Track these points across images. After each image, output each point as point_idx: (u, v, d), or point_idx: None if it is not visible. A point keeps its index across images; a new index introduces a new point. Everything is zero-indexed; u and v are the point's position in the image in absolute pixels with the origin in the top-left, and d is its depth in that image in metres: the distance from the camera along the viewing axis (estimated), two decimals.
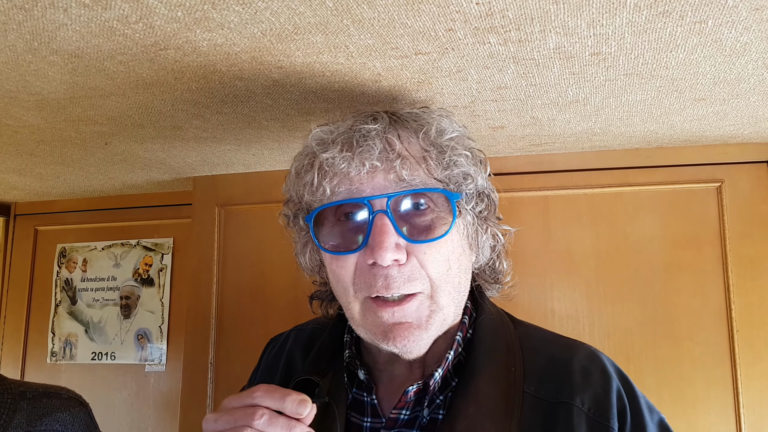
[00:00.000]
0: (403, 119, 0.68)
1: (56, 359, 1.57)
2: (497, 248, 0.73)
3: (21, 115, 0.94)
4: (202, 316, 1.33)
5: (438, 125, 0.66)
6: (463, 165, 0.65)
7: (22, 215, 1.67)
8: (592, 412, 0.61)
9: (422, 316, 0.63)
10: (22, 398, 0.89)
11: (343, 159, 0.62)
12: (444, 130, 0.66)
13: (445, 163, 0.65)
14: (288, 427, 0.56)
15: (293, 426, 0.56)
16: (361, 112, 0.69)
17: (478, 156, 0.70)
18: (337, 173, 0.62)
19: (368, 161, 0.61)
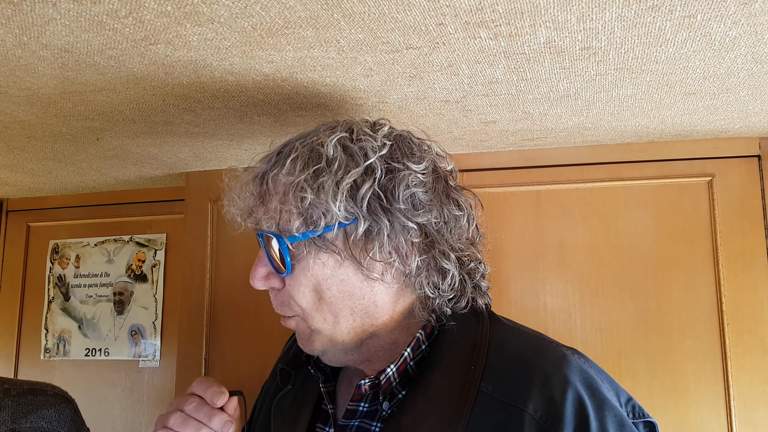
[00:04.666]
0: (285, 155, 0.67)
1: (50, 355, 1.56)
2: (450, 279, 0.68)
3: (11, 110, 0.94)
4: (195, 311, 1.33)
5: (299, 160, 0.65)
6: (305, 204, 0.63)
7: (14, 211, 1.66)
8: (544, 420, 0.57)
9: (304, 334, 0.69)
10: (7, 395, 0.88)
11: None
12: (297, 168, 0.64)
13: (291, 201, 0.64)
14: (209, 415, 0.70)
15: (214, 414, 0.70)
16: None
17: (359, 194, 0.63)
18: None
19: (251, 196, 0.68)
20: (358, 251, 0.64)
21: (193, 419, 0.70)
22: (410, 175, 0.65)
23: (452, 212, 0.68)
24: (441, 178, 0.70)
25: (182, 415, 0.70)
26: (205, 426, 0.70)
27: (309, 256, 0.64)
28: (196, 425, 0.70)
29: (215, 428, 0.70)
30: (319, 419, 0.74)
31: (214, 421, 0.70)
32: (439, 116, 0.97)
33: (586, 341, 1.14)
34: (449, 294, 0.68)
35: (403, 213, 0.64)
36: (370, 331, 0.67)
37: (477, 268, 0.72)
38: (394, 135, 0.69)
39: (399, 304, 0.68)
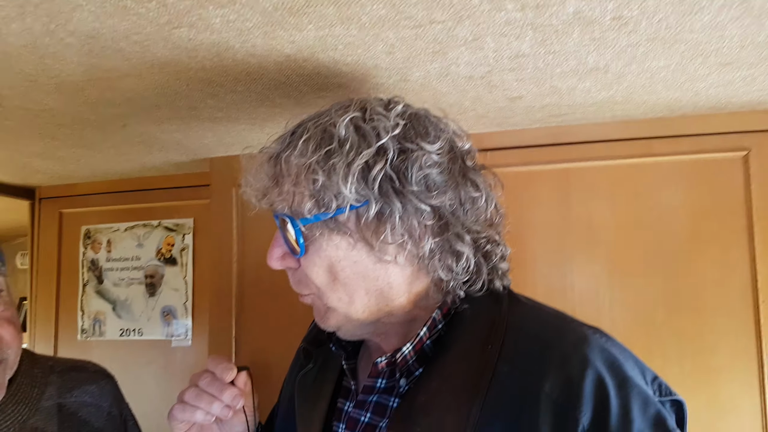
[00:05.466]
0: (298, 136, 0.67)
1: (86, 336, 1.62)
2: (464, 261, 0.67)
3: (41, 98, 0.96)
4: (224, 293, 1.36)
5: (311, 141, 0.64)
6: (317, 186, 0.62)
7: (47, 199, 1.71)
8: (561, 400, 0.56)
9: (320, 311, 0.70)
10: (52, 372, 0.92)
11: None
12: (309, 149, 0.64)
13: (303, 183, 0.64)
14: (221, 389, 0.73)
15: (225, 388, 0.73)
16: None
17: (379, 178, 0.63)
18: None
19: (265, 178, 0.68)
20: (369, 234, 0.63)
21: (206, 393, 0.73)
22: (424, 156, 0.63)
23: (469, 193, 0.67)
24: (458, 157, 0.68)
25: (197, 389, 0.74)
26: (216, 399, 0.73)
27: (322, 238, 0.64)
28: (209, 399, 0.73)
29: (226, 401, 0.73)
30: (341, 395, 0.75)
31: (225, 394, 0.73)
32: (462, 93, 0.95)
33: (615, 321, 1.13)
34: (463, 277, 0.67)
35: (416, 195, 0.62)
36: (386, 310, 0.67)
37: (494, 250, 0.70)
38: (409, 113, 0.67)
39: (414, 285, 0.67)
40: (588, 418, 0.55)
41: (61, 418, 0.88)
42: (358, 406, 0.70)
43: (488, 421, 0.58)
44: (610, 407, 0.55)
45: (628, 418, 0.55)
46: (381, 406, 0.68)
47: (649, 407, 0.57)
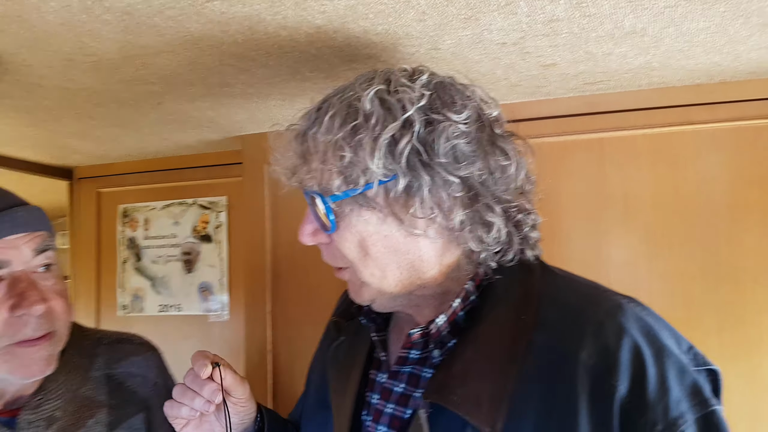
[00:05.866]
0: (324, 112, 0.66)
1: (127, 312, 1.68)
2: (495, 232, 0.66)
3: (78, 77, 0.98)
4: (258, 268, 1.38)
5: (337, 117, 0.64)
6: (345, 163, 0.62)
7: (84, 178, 1.76)
8: (597, 368, 0.57)
9: (354, 285, 0.71)
10: (100, 344, 0.96)
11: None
12: (335, 125, 0.63)
13: (330, 160, 0.64)
14: (201, 385, 0.75)
15: (204, 384, 0.75)
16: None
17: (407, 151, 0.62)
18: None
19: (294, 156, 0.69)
20: (399, 208, 0.63)
21: (189, 389, 0.76)
22: (451, 126, 0.62)
23: (498, 162, 0.65)
24: (486, 126, 0.66)
25: (182, 386, 0.77)
26: (198, 395, 0.75)
27: (352, 214, 0.64)
28: (191, 395, 0.75)
29: (206, 396, 0.75)
30: (372, 366, 0.76)
31: (204, 390, 0.75)
32: (495, 61, 0.93)
33: (652, 293, 1.11)
34: (495, 247, 0.66)
35: (444, 167, 0.62)
36: (418, 283, 0.68)
37: (525, 220, 0.69)
38: (434, 83, 0.66)
39: (446, 257, 0.67)
40: (626, 386, 0.56)
41: (110, 388, 0.91)
42: (392, 377, 0.72)
43: (524, 389, 0.59)
44: (647, 376, 0.56)
45: (665, 386, 0.56)
46: (414, 377, 0.70)
47: (685, 376, 0.57)
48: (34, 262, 0.79)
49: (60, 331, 0.82)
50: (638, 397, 0.55)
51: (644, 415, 0.55)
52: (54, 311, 0.80)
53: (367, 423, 0.72)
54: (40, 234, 0.81)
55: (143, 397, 0.94)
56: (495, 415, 0.58)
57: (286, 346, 1.36)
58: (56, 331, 0.81)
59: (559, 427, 0.57)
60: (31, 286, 0.77)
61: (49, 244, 0.82)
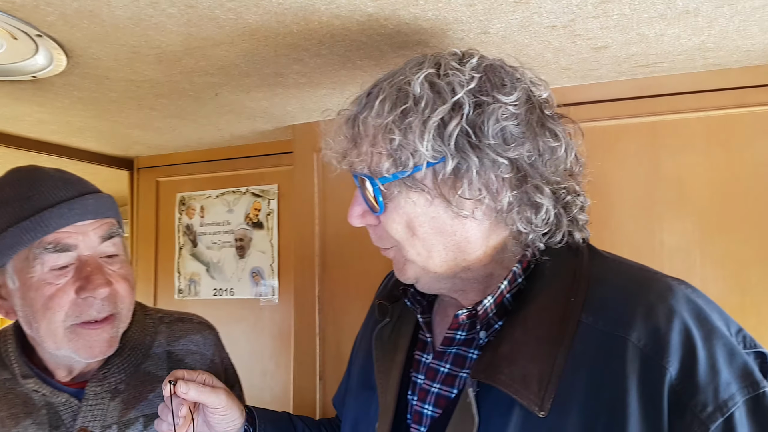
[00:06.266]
0: (374, 96, 0.68)
1: (183, 296, 1.76)
2: (544, 213, 0.67)
3: (142, 69, 1.04)
4: (307, 254, 1.42)
5: (387, 101, 0.65)
6: (394, 146, 0.64)
7: (144, 168, 1.85)
8: (648, 349, 0.57)
9: (399, 263, 0.73)
10: (161, 322, 1.01)
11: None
12: (385, 109, 0.65)
13: (380, 143, 0.65)
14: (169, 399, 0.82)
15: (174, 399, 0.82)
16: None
17: (455, 133, 0.63)
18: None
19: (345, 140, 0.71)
20: (447, 189, 0.64)
21: (166, 407, 0.83)
22: (500, 108, 0.63)
23: (548, 143, 0.66)
24: (535, 107, 0.67)
25: (162, 404, 0.85)
26: (169, 410, 0.83)
27: (400, 196, 0.66)
28: (167, 411, 0.83)
29: (174, 410, 0.82)
30: (417, 347, 0.78)
31: (174, 404, 0.83)
32: (545, 44, 0.93)
33: (706, 279, 1.09)
34: (543, 228, 0.67)
35: (493, 148, 0.63)
36: (463, 265, 0.69)
37: (574, 201, 0.69)
38: (484, 66, 0.66)
39: (492, 239, 0.68)
40: (675, 368, 0.56)
41: (170, 364, 0.97)
42: (437, 357, 0.73)
43: (573, 370, 0.60)
44: (698, 358, 0.56)
45: (715, 369, 0.56)
46: (460, 358, 0.71)
47: (735, 358, 0.57)
48: (101, 247, 0.84)
49: (123, 313, 0.87)
50: (688, 379, 0.56)
51: (694, 397, 0.55)
52: (118, 294, 0.85)
53: (413, 402, 0.74)
54: (108, 221, 0.86)
55: None
56: (543, 394, 0.59)
57: (334, 328, 1.39)
58: (119, 313, 0.86)
59: (609, 408, 0.57)
60: (96, 270, 0.82)
61: (116, 231, 0.87)
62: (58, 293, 0.80)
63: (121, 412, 0.88)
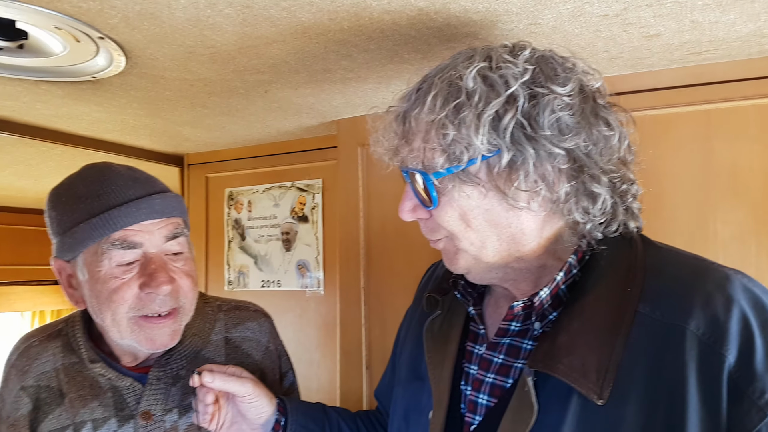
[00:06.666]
0: (424, 92, 0.68)
1: (232, 287, 1.82)
2: (601, 203, 0.67)
3: (197, 69, 1.08)
4: (352, 247, 1.45)
5: (439, 96, 0.65)
6: (448, 141, 0.64)
7: (194, 164, 1.91)
8: (706, 337, 0.58)
9: (450, 252, 0.73)
10: (219, 310, 1.05)
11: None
12: (437, 104, 0.65)
13: (433, 139, 0.65)
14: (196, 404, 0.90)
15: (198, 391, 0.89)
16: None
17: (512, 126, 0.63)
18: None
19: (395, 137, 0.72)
20: (502, 182, 0.65)
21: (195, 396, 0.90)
22: (555, 99, 0.63)
23: (602, 133, 0.66)
24: (589, 97, 0.67)
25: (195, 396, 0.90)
26: (197, 399, 0.89)
27: (454, 190, 0.67)
28: (196, 400, 0.90)
29: (201, 399, 0.88)
30: (468, 339, 0.79)
31: (201, 393, 0.88)
32: (595, 34, 0.93)
33: (762, 270, 1.06)
34: (600, 218, 0.67)
35: (549, 139, 0.63)
36: (516, 255, 0.69)
37: (629, 190, 0.70)
38: (536, 57, 0.67)
39: (546, 230, 0.69)
40: (734, 356, 0.57)
41: (227, 350, 1.01)
42: (491, 348, 0.74)
43: (631, 360, 0.60)
44: (755, 345, 0.57)
45: None
46: (514, 348, 0.72)
47: None
48: (166, 245, 0.87)
49: (186, 308, 0.90)
50: (746, 367, 0.56)
51: (752, 384, 0.56)
52: (180, 290, 0.88)
53: (467, 392, 0.75)
54: (173, 221, 0.89)
55: (257, 360, 1.03)
56: (602, 383, 0.60)
57: (379, 319, 1.42)
58: (182, 307, 0.89)
59: (668, 395, 0.58)
60: (160, 268, 0.85)
61: (181, 231, 0.90)
62: (123, 287, 0.83)
63: (181, 396, 0.92)
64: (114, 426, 0.89)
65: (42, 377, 0.91)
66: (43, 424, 0.88)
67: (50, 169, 1.94)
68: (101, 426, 0.88)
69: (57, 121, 1.44)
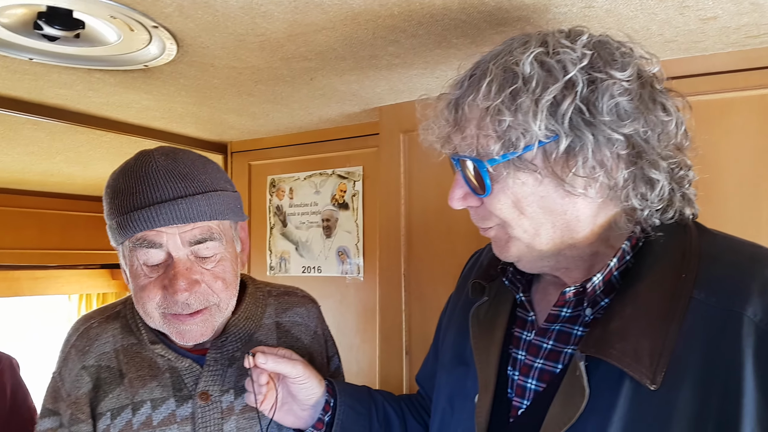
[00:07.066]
0: (478, 78, 0.67)
1: (274, 272, 1.86)
2: (659, 189, 0.66)
3: (246, 56, 1.09)
4: (393, 233, 1.46)
5: (494, 82, 0.65)
6: (504, 127, 0.64)
7: (237, 152, 1.95)
8: (764, 323, 0.57)
9: (501, 240, 0.73)
10: (270, 295, 1.07)
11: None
12: (492, 91, 0.64)
13: (488, 126, 0.65)
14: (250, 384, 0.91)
15: (252, 372, 0.89)
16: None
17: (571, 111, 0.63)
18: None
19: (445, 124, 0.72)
20: (559, 168, 0.65)
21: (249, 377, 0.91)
22: (614, 85, 0.63)
23: (660, 118, 0.65)
24: (647, 82, 0.66)
25: (249, 378, 0.92)
26: (251, 380, 0.90)
27: (508, 177, 0.67)
28: (250, 381, 0.91)
29: (255, 379, 0.89)
30: (515, 325, 0.80)
31: (255, 374, 0.89)
32: (650, 17, 0.91)
33: None
34: (657, 205, 0.67)
35: (608, 125, 0.62)
36: (569, 243, 0.69)
37: (686, 176, 0.69)
38: (594, 42, 0.66)
39: (600, 217, 0.68)
40: None
41: (279, 334, 1.03)
42: (540, 334, 0.75)
43: (686, 345, 0.60)
44: None
45: None
46: (564, 334, 0.72)
47: None
48: (192, 249, 0.85)
49: (220, 305, 0.89)
50: None
51: None
52: (209, 291, 0.87)
53: (515, 377, 0.75)
54: (200, 225, 0.85)
55: (306, 344, 1.05)
56: (655, 368, 0.60)
57: (419, 305, 1.43)
58: (214, 305, 0.88)
59: (723, 381, 0.58)
60: (180, 274, 0.83)
61: (208, 236, 0.85)
62: (149, 286, 0.85)
63: (237, 378, 0.95)
64: (172, 406, 0.91)
65: (102, 357, 0.94)
66: (103, 402, 0.91)
67: (99, 155, 2.00)
68: (160, 405, 0.91)
69: (108, 109, 1.48)
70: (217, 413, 0.92)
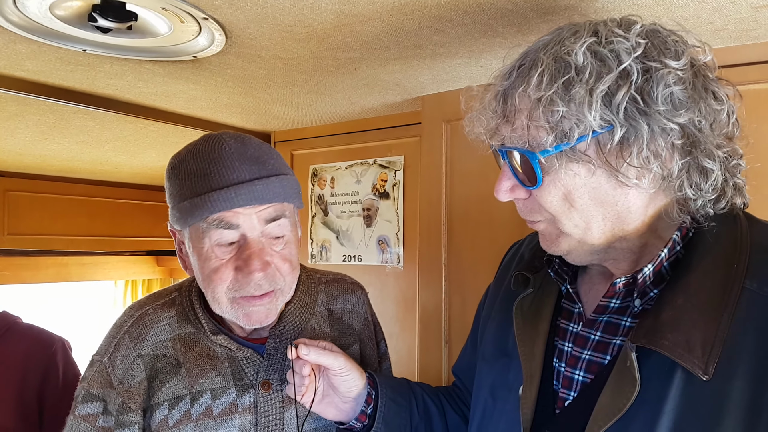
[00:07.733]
0: (527, 68, 0.67)
1: (315, 260, 1.90)
2: (713, 179, 0.66)
3: (292, 47, 1.12)
4: (434, 223, 1.47)
5: (545, 72, 0.64)
6: (557, 118, 0.63)
7: (281, 142, 1.99)
8: None
9: (551, 235, 0.73)
10: (320, 283, 1.09)
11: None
12: (544, 81, 0.64)
13: (540, 117, 0.64)
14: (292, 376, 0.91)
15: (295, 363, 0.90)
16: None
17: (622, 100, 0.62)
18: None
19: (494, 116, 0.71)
20: (613, 159, 0.64)
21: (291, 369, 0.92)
22: (669, 74, 0.62)
23: (712, 107, 0.65)
24: (699, 71, 0.66)
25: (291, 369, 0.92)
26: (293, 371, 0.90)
27: (560, 168, 0.66)
28: (292, 372, 0.91)
29: (298, 371, 0.90)
30: (561, 316, 0.80)
31: (297, 366, 0.89)
32: (701, 5, 0.89)
33: None
34: (711, 194, 0.66)
35: (663, 114, 0.62)
36: (620, 235, 0.69)
37: (738, 165, 0.69)
38: (648, 31, 0.65)
39: (651, 208, 0.68)
40: None
41: (331, 321, 1.05)
42: (587, 326, 0.75)
43: (738, 336, 0.60)
44: None
45: None
46: (612, 325, 0.72)
47: None
48: (266, 228, 0.86)
49: (284, 289, 0.91)
50: None
51: None
52: (278, 273, 0.88)
53: (562, 369, 0.76)
54: (274, 205, 0.87)
55: (357, 330, 1.07)
56: (707, 359, 0.60)
57: (459, 295, 1.44)
58: (279, 289, 0.90)
59: None
60: (255, 254, 0.85)
61: (282, 214, 0.88)
62: (221, 268, 0.85)
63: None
64: (233, 395, 0.91)
65: (159, 346, 0.93)
66: (160, 392, 0.90)
67: (146, 145, 2.06)
68: (220, 395, 0.91)
69: (156, 99, 1.53)
70: (279, 402, 0.93)
